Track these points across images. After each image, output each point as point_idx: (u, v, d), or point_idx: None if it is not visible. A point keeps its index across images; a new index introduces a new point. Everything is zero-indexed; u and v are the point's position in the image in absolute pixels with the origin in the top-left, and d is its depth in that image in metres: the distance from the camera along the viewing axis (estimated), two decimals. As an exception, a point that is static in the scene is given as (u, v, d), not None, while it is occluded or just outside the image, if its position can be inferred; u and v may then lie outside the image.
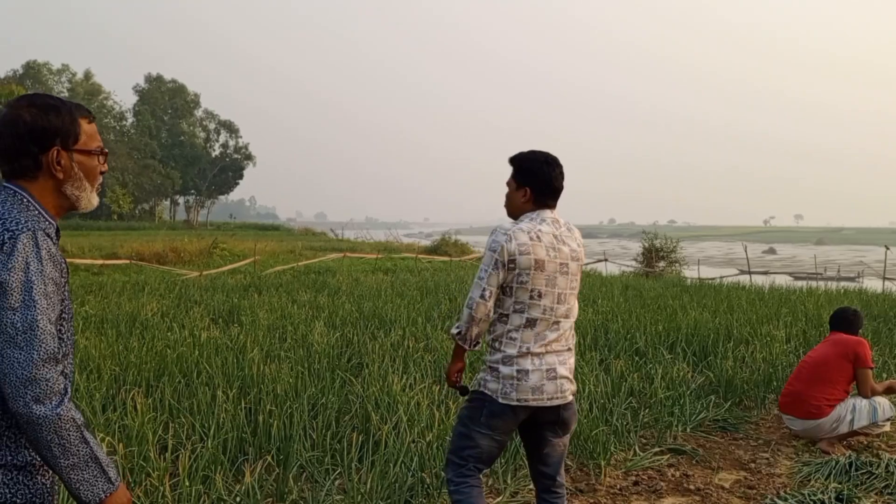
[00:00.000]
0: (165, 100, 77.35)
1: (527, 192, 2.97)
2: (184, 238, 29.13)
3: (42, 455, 1.59)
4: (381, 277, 17.48)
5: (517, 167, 3.02)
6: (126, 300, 11.01)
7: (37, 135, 1.70)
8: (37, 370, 1.54)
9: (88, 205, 1.82)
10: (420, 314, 9.60)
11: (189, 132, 78.89)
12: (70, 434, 1.57)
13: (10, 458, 1.63)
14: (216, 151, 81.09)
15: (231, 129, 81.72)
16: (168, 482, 3.68)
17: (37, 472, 1.67)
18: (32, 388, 1.54)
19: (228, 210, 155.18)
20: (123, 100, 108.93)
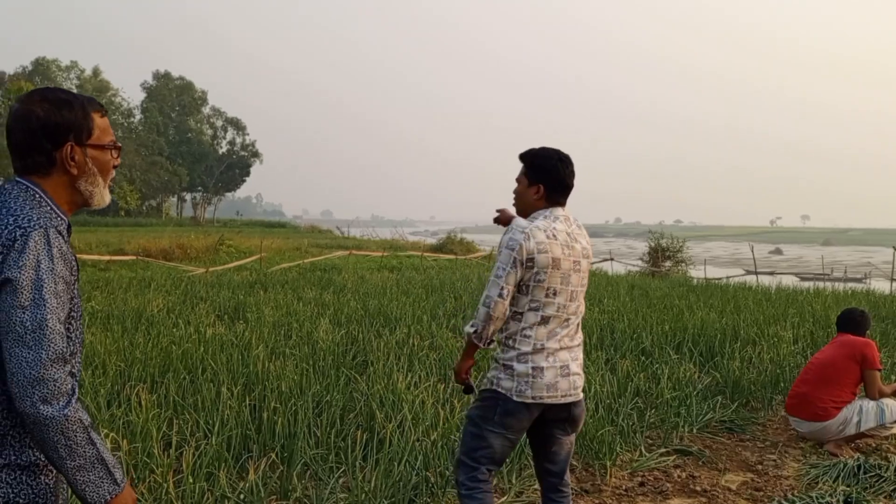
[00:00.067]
0: (173, 97, 77.55)
1: (540, 190, 2.94)
2: (190, 235, 29.22)
3: (48, 456, 1.57)
4: (387, 275, 17.47)
5: (529, 164, 2.99)
6: (132, 296, 11.03)
7: (50, 130, 1.67)
8: (45, 370, 1.52)
9: (101, 201, 1.79)
10: (425, 312, 9.59)
11: (196, 129, 79.10)
12: (77, 435, 1.55)
13: (14, 458, 1.62)
14: (223, 148, 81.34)
15: (238, 127, 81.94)
16: (172, 479, 3.67)
17: (40, 473, 1.66)
18: (40, 389, 1.52)
19: (235, 207, 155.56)
20: (131, 97, 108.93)
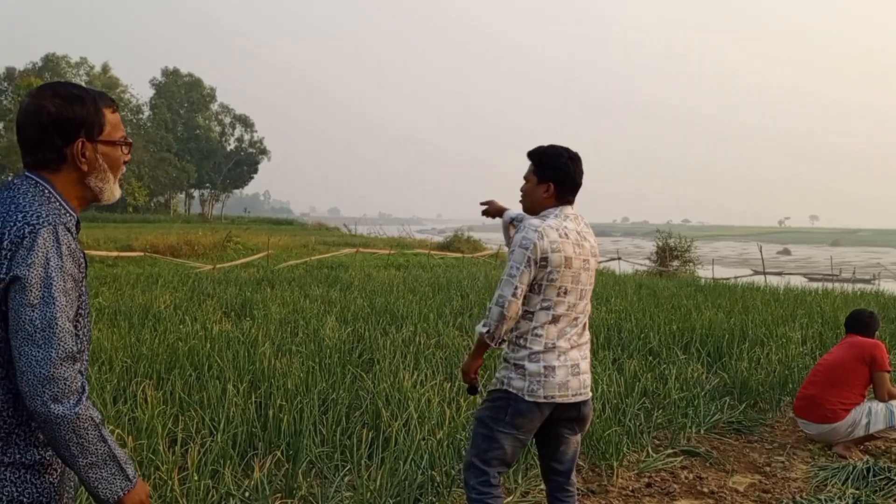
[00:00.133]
0: (181, 93, 77.80)
1: (549, 188, 2.92)
2: (198, 231, 29.27)
3: (60, 454, 1.56)
4: (394, 273, 17.46)
5: (538, 161, 2.96)
6: (139, 292, 11.04)
7: (61, 126, 1.65)
8: (55, 369, 1.51)
9: (111, 196, 1.77)
10: (432, 310, 9.57)
11: (205, 126, 79.35)
12: (88, 433, 1.54)
13: (20, 457, 1.61)
14: (231, 145, 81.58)
15: (246, 124, 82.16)
16: (177, 476, 3.67)
17: (45, 472, 1.65)
18: (50, 387, 1.51)
19: (243, 204, 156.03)
20: (140, 93, 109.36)
